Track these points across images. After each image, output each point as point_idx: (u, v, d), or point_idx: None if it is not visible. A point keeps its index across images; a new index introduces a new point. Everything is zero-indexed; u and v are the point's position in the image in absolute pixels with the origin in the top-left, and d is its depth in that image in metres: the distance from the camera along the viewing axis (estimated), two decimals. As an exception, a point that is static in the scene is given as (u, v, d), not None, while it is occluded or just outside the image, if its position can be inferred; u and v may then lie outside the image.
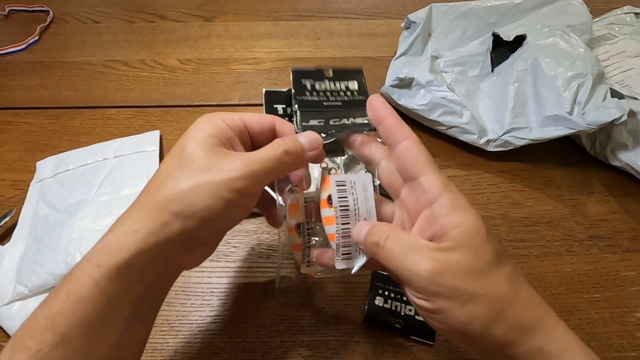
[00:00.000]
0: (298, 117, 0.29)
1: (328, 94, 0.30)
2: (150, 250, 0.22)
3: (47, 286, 0.37)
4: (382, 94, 0.53)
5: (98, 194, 0.43)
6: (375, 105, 0.26)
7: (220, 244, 0.42)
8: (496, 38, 0.52)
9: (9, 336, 0.36)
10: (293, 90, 0.30)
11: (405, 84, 0.50)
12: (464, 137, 0.49)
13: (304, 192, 0.30)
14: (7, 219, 0.43)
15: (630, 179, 0.47)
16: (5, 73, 0.60)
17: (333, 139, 0.28)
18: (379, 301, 0.38)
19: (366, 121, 0.28)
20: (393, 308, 0.37)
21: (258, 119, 0.28)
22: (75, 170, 0.46)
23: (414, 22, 0.55)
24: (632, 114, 0.45)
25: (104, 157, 0.47)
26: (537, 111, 0.47)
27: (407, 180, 0.25)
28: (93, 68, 0.61)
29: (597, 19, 0.60)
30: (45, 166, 0.47)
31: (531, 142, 0.46)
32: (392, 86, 0.51)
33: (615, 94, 0.46)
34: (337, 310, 0.38)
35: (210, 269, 0.41)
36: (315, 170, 0.40)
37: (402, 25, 0.56)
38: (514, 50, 0.51)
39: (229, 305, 0.38)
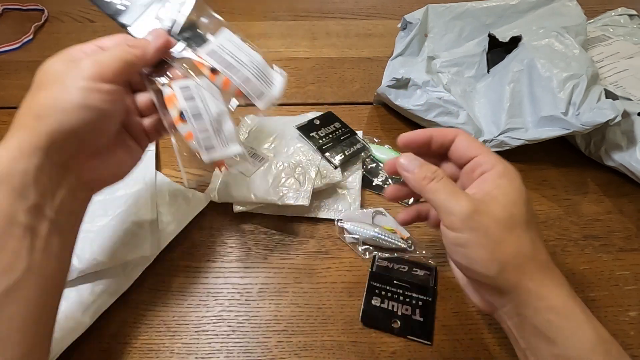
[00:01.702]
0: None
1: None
2: (22, 151, 0.24)
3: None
4: (378, 94, 0.54)
5: (93, 194, 0.43)
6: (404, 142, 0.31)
7: (216, 243, 0.42)
8: (492, 39, 0.53)
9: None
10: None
11: (401, 84, 0.51)
12: (460, 138, 0.49)
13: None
14: (1, 219, 0.42)
15: (625, 179, 0.48)
16: (-1, 72, 0.60)
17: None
18: (375, 301, 0.38)
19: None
20: (390, 308, 0.37)
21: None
22: (70, 170, 0.46)
23: (410, 23, 0.55)
24: (626, 114, 0.45)
25: (99, 157, 0.46)
26: (533, 112, 0.47)
27: (464, 164, 0.30)
28: (88, 67, 0.61)
29: (592, 20, 0.61)
30: (40, 166, 0.46)
31: (527, 142, 0.46)
32: (389, 86, 0.51)
33: (609, 94, 0.46)
34: (333, 311, 0.38)
35: (206, 269, 0.41)
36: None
37: (399, 25, 0.57)
38: (509, 51, 0.51)
39: (225, 306, 0.38)
